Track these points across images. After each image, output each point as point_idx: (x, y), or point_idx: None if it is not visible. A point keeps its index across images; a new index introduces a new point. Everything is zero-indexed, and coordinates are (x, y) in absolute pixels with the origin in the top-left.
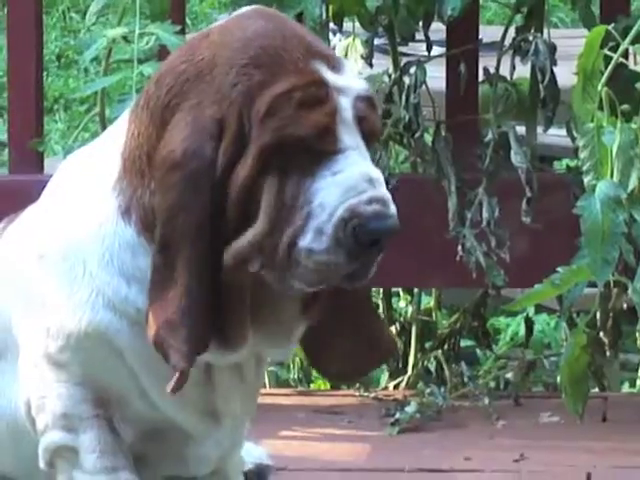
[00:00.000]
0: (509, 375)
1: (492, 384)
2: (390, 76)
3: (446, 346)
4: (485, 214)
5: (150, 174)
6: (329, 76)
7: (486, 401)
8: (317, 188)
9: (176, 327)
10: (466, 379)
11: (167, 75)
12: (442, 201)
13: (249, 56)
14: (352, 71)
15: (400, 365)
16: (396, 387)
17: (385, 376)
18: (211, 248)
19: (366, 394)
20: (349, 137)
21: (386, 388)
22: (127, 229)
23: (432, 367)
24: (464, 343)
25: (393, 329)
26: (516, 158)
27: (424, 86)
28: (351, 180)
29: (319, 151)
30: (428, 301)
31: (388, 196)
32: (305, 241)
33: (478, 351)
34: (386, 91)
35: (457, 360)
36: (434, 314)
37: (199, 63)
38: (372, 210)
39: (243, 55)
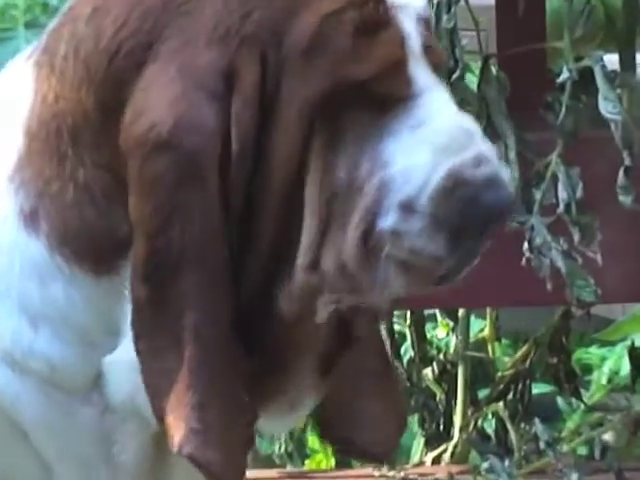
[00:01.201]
0: (607, 436)
1: (583, 451)
2: None
3: (510, 395)
4: (562, 193)
5: (77, 157)
6: None
7: (574, 478)
8: (391, 149)
9: (204, 431)
10: (543, 445)
11: (104, 12)
12: None
13: None
14: None
15: (441, 427)
16: (436, 461)
17: (419, 445)
18: (230, 276)
19: (391, 474)
20: (423, 74)
21: (421, 464)
22: (32, 243)
23: (490, 428)
24: (538, 389)
25: (429, 372)
26: (606, 107)
27: (463, 0)
28: (443, 134)
29: (387, 97)
30: (480, 328)
31: (494, 152)
32: (388, 221)
33: (560, 401)
34: None
35: (528, 416)
36: (490, 348)
37: None
38: (483, 175)
39: None
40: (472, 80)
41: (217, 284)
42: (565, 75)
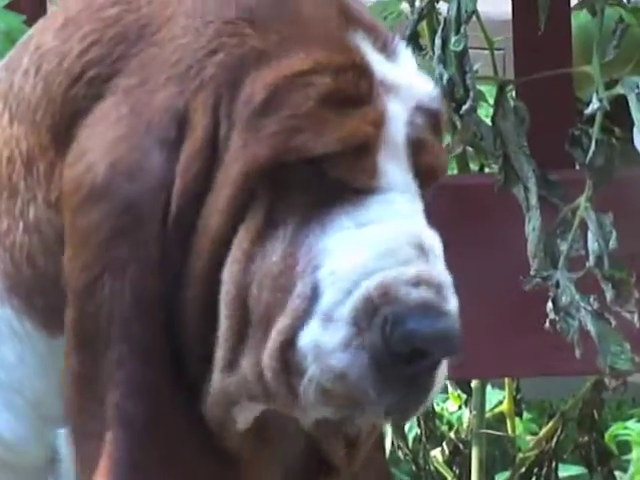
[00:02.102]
0: None
1: None
2: (414, 2)
3: (534, 479)
4: (593, 244)
5: (29, 192)
6: (376, 61)
7: None
8: (330, 245)
9: None
10: None
11: (75, 26)
12: (515, 222)
13: (243, 3)
14: (411, 60)
15: None
16: None
17: None
18: (167, 356)
19: None
20: (395, 169)
21: None
22: None
23: None
24: (566, 472)
25: (438, 452)
26: None
27: (474, 17)
28: (389, 240)
29: (342, 183)
30: (498, 401)
31: (447, 280)
32: (307, 334)
33: None
34: (408, 29)
35: None
36: (509, 424)
37: (142, 10)
38: (418, 298)
39: (228, 2)
40: (486, 112)
41: (149, 353)
42: (595, 105)
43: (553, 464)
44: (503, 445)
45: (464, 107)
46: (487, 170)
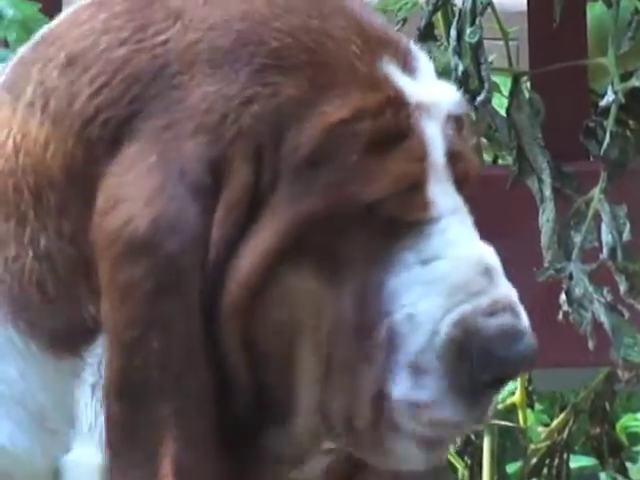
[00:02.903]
0: None
1: None
2: None
3: (545, 470)
4: (607, 236)
5: (39, 221)
6: (405, 84)
7: None
8: (398, 287)
9: None
10: None
11: (82, 67)
12: (528, 214)
13: (268, 48)
14: (429, 68)
15: None
16: None
17: None
18: (213, 399)
19: None
20: (444, 193)
21: None
22: None
23: None
24: (577, 463)
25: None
26: None
27: (489, 8)
28: (457, 274)
29: (394, 220)
30: (510, 392)
31: (514, 294)
32: (400, 388)
33: (603, 477)
34: (423, 20)
35: None
36: (521, 415)
37: (157, 50)
38: (497, 326)
39: (257, 46)
40: (500, 103)
41: (200, 408)
42: (610, 97)
43: (564, 455)
44: (514, 436)
45: (479, 98)
46: (501, 162)
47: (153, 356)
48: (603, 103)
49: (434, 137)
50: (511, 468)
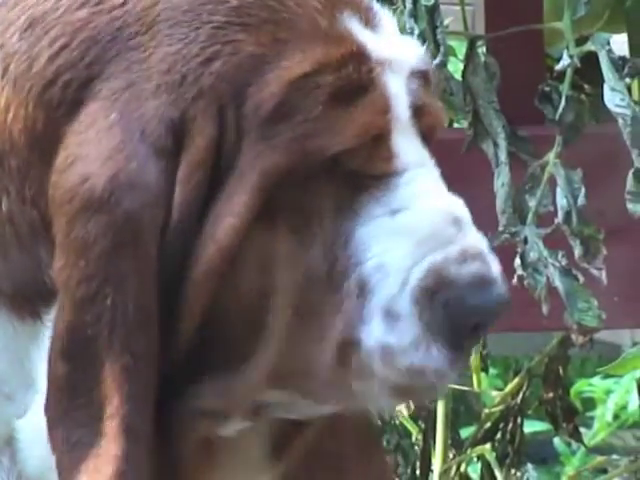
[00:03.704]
0: None
1: None
2: None
3: (499, 435)
4: (561, 200)
5: (1, 185)
6: (367, 39)
7: None
8: (367, 238)
9: None
10: None
11: (42, 29)
12: (483, 178)
13: (228, 6)
14: (392, 24)
15: (417, 472)
16: None
17: None
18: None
19: None
20: (409, 146)
21: None
22: None
23: (475, 474)
24: (531, 427)
25: (403, 407)
26: (613, 98)
27: None
28: (425, 223)
29: (362, 173)
30: None
31: (484, 243)
32: (372, 334)
33: (557, 441)
34: None
35: (519, 460)
36: (475, 379)
37: (114, 12)
38: (469, 273)
39: (216, 4)
40: (456, 67)
41: (147, 370)
42: (565, 61)
43: (518, 420)
44: (468, 400)
45: (434, 62)
46: (456, 125)
47: (105, 313)
48: (558, 67)
49: (397, 91)
50: (465, 432)
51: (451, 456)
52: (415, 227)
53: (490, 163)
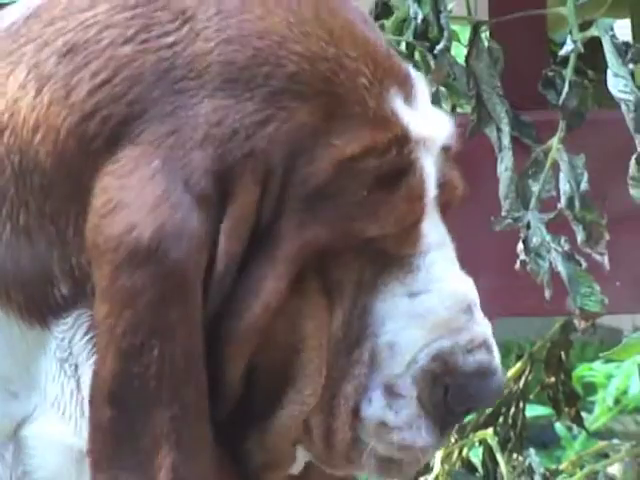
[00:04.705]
0: (614, 469)
1: None
2: None
3: (501, 419)
4: (564, 185)
5: (20, 199)
6: (409, 119)
7: None
8: (384, 314)
9: None
10: (538, 478)
11: (83, 59)
12: (487, 163)
13: (286, 72)
14: (426, 97)
15: None
16: None
17: None
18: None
19: None
20: (434, 227)
21: None
22: None
23: (476, 458)
24: (532, 412)
25: None
26: (616, 84)
27: None
28: (440, 310)
29: (389, 254)
30: None
31: (488, 329)
32: (371, 408)
33: (558, 426)
34: None
35: (521, 444)
36: None
37: (161, 53)
38: (474, 363)
39: (274, 67)
40: (459, 52)
41: (197, 419)
42: (569, 46)
43: (520, 404)
44: None
45: (438, 47)
46: (460, 110)
47: (153, 364)
48: (562, 53)
49: (430, 171)
50: (466, 417)
51: (453, 440)
52: (430, 312)
53: (493, 148)
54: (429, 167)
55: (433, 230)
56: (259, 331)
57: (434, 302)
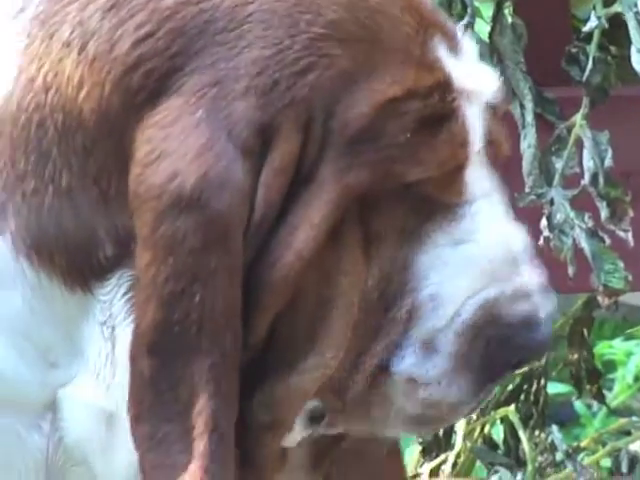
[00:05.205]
0: (636, 446)
1: (607, 463)
2: None
3: (522, 396)
4: (588, 162)
5: (63, 159)
6: (452, 67)
7: None
8: (426, 266)
9: None
10: (560, 455)
11: (127, 13)
12: (510, 140)
13: (326, 19)
14: (473, 50)
15: (441, 433)
16: (434, 473)
17: (414, 454)
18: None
19: None
20: (479, 177)
21: (416, 476)
22: None
23: (498, 435)
24: (554, 389)
25: None
26: None
27: None
28: (485, 259)
29: (433, 201)
30: None
31: (538, 280)
32: (402, 364)
33: (579, 404)
34: None
35: (543, 421)
36: None
37: (203, 4)
38: (521, 313)
39: (315, 15)
40: (483, 28)
41: (233, 367)
42: (593, 22)
43: (542, 382)
44: None
45: (461, 23)
46: None
47: (194, 311)
48: (586, 29)
49: (474, 122)
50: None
51: (474, 417)
52: (475, 261)
53: (517, 125)
54: (473, 118)
55: (479, 180)
56: (291, 282)
57: (479, 251)
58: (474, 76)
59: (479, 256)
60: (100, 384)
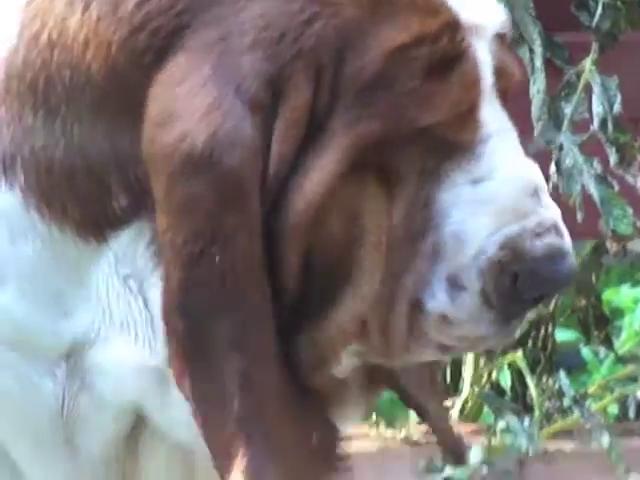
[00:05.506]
0: None
1: (614, 409)
2: None
3: (530, 343)
4: (597, 107)
5: (74, 113)
6: (458, 7)
7: (605, 440)
8: (448, 204)
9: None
10: (568, 401)
11: None
12: (519, 85)
13: None
14: None
15: (448, 379)
16: None
17: None
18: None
19: (390, 432)
20: (493, 113)
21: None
22: (3, 194)
23: (506, 381)
24: (562, 336)
25: None
26: None
27: None
28: (505, 195)
29: (448, 142)
30: None
31: (557, 211)
32: (434, 302)
33: (586, 350)
34: None
35: (551, 367)
36: None
37: None
38: (543, 247)
39: None
40: None
41: (264, 320)
42: None
43: (550, 328)
44: None
45: None
46: None
47: (215, 271)
48: None
49: (484, 57)
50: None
51: (482, 364)
52: (495, 198)
53: (526, 69)
54: (483, 54)
55: (493, 117)
56: (304, 227)
57: (498, 188)
58: (480, 10)
59: (499, 193)
60: (142, 344)
